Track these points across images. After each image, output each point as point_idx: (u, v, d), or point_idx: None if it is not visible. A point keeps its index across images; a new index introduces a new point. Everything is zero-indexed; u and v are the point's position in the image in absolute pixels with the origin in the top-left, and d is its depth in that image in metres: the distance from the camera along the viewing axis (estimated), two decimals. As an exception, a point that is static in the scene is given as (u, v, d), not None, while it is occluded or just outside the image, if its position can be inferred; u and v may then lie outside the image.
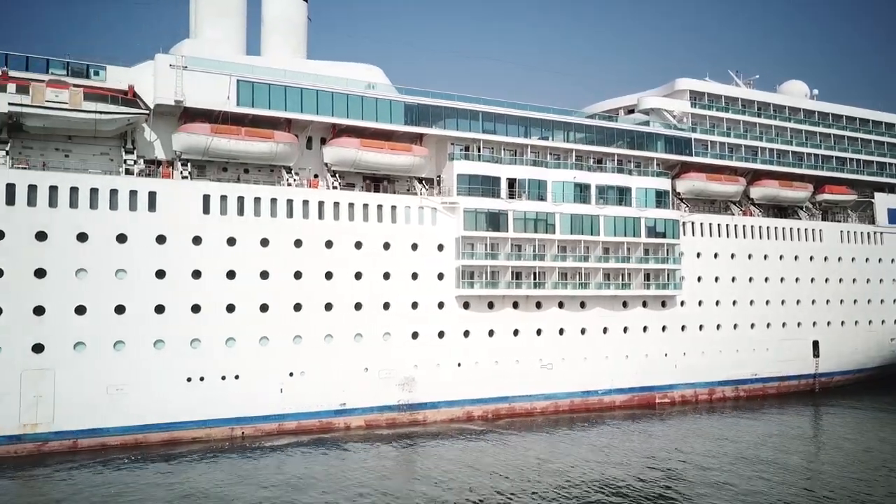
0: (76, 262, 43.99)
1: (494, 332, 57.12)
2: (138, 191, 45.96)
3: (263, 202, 49.43)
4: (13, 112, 43.06)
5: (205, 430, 46.96)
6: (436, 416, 54.33)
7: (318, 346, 50.56)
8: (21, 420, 42.36)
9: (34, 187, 43.36)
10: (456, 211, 55.79)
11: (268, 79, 50.57)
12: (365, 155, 52.99)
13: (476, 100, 58.89)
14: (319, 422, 50.40)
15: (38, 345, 42.88)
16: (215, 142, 48.18)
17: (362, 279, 52.34)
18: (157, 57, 47.83)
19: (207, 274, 47.46)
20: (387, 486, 37.92)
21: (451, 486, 37.71)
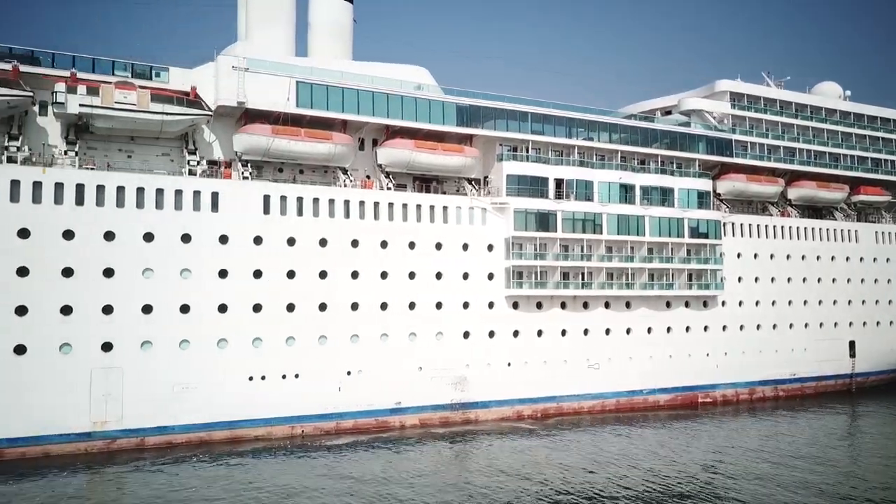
0: (143, 261, 44.44)
1: (543, 332, 57.51)
2: (202, 191, 46.41)
3: (322, 203, 49.85)
4: (83, 113, 43.48)
5: (266, 429, 47.41)
6: (487, 415, 54.73)
7: (374, 345, 50.98)
8: (91, 417, 42.81)
9: (102, 188, 43.81)
10: (506, 211, 56.19)
11: (325, 80, 50.97)
12: (419, 156, 53.41)
13: (524, 101, 59.32)
14: (376, 420, 50.84)
15: (106, 343, 43.34)
16: (276, 143, 48.61)
17: (415, 279, 52.75)
18: (218, 59, 48.31)
19: (268, 274, 47.90)
20: (456, 485, 38.25)
21: (512, 485, 37.96)
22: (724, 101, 70.41)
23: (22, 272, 41.56)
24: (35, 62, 44.54)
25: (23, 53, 44.39)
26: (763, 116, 71.94)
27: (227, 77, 47.71)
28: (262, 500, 35.16)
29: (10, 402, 40.78)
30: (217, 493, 36.07)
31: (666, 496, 36.27)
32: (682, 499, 35.90)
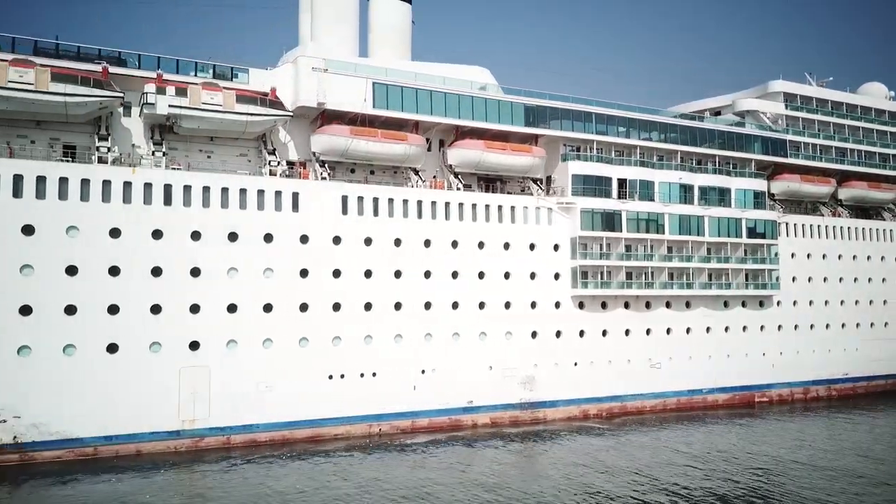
0: (228, 261, 44.80)
1: (607, 331, 57.78)
2: (283, 191, 46.76)
3: (396, 203, 50.17)
4: (172, 114, 43.83)
5: (345, 427, 47.74)
6: (555, 414, 55.01)
7: (447, 344, 51.29)
8: (180, 416, 43.17)
9: (189, 188, 44.19)
10: (571, 211, 56.46)
11: (399, 81, 51.29)
12: (489, 156, 53.73)
13: (586, 101, 59.56)
14: (449, 419, 51.15)
15: (194, 342, 43.71)
16: (354, 143, 48.95)
17: (485, 279, 53.06)
18: (298, 60, 48.63)
19: (346, 273, 48.25)
20: (536, 485, 38.37)
21: (596, 485, 38.25)
22: (778, 102, 70.64)
23: (113, 271, 41.94)
24: (121, 63, 44.92)
25: (110, 55, 44.70)
26: (815, 117, 72.13)
27: (307, 78, 48.04)
28: (371, 499, 35.45)
29: (103, 400, 41.13)
30: (326, 491, 36.38)
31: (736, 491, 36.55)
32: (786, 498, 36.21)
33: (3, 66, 39.67)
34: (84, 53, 44.01)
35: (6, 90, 39.54)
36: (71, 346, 40.75)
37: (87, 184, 41.64)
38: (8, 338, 39.35)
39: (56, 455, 40.16)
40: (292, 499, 34.97)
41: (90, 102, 41.98)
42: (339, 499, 35.13)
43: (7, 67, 39.64)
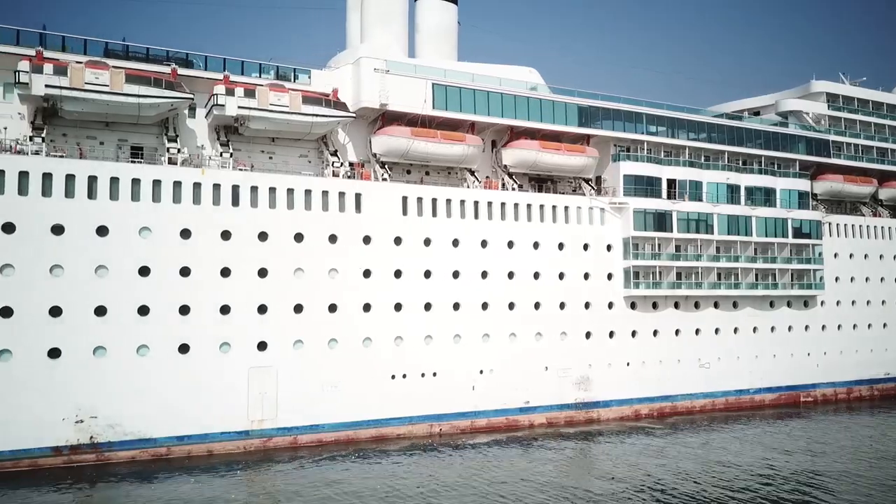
0: (295, 261, 44.97)
1: (658, 332, 57.89)
2: (346, 192, 46.91)
3: (454, 203, 50.30)
4: (241, 115, 43.99)
5: (407, 427, 47.87)
6: (608, 414, 55.13)
7: (504, 344, 51.43)
8: (249, 416, 43.33)
9: (255, 189, 44.35)
10: (624, 211, 56.58)
11: (457, 82, 51.44)
12: (544, 156, 53.86)
13: (636, 101, 59.68)
14: (506, 419, 51.27)
15: (262, 342, 43.87)
16: (415, 144, 49.09)
17: (540, 279, 53.18)
18: (360, 61, 48.75)
19: (407, 273, 48.39)
20: (599, 485, 38.49)
21: (660, 485, 38.39)
22: (820, 102, 70.71)
23: (184, 272, 42.11)
24: (188, 65, 45.08)
25: (177, 56, 44.88)
26: (856, 117, 72.19)
27: (369, 79, 48.19)
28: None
29: (175, 400, 41.29)
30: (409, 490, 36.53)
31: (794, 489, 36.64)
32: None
33: (80, 67, 39.83)
34: (152, 55, 44.19)
35: (83, 91, 39.69)
36: (144, 346, 40.95)
37: (159, 185, 41.82)
38: (84, 338, 39.53)
39: (131, 455, 40.36)
40: (364, 499, 35.04)
41: (162, 104, 42.16)
42: (408, 498, 35.20)
43: (84, 69, 39.80)
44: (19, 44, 40.79)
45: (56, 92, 39.37)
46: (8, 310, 38.04)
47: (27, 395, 38.10)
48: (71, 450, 39.03)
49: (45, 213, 39.01)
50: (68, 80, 39.43)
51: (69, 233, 39.49)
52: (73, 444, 39.08)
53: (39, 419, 38.27)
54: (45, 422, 38.42)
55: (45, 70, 39.12)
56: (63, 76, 39.39)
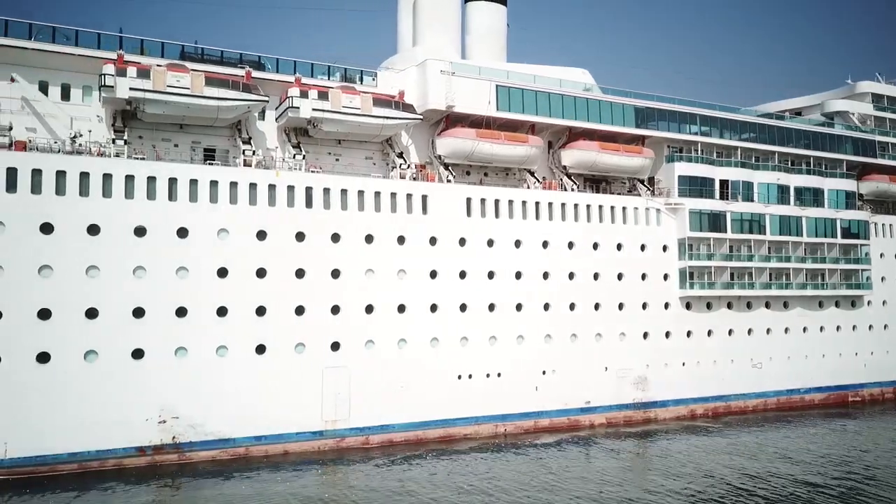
0: (365, 262, 45.26)
1: (713, 332, 58.13)
2: (413, 194, 47.18)
3: (516, 204, 50.56)
4: (315, 117, 44.27)
5: (473, 427, 48.15)
6: (665, 413, 55.38)
7: (565, 345, 51.68)
8: (323, 416, 43.63)
9: (328, 190, 44.64)
10: (679, 212, 56.79)
11: (519, 84, 51.70)
12: (603, 157, 54.08)
13: (689, 102, 59.94)
14: (568, 419, 51.53)
15: (335, 343, 44.17)
16: (480, 146, 49.34)
17: (599, 280, 53.41)
18: (427, 63, 48.98)
19: (472, 274, 48.65)
20: (665, 485, 38.77)
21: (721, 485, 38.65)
22: (866, 103, 70.85)
23: (260, 273, 42.42)
24: (260, 67, 45.35)
25: (250, 59, 45.17)
26: (902, 117, 72.38)
27: (435, 81, 48.45)
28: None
29: (253, 401, 41.61)
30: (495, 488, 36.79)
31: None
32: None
33: (162, 70, 40.14)
34: (226, 58, 44.46)
35: (165, 94, 40.00)
36: (223, 347, 41.27)
37: (235, 187, 42.13)
38: (166, 339, 39.85)
39: (211, 455, 40.66)
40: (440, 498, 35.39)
41: (239, 106, 42.46)
42: (483, 496, 35.51)
43: (165, 72, 40.11)
44: (100, 47, 41.07)
45: (139, 95, 39.69)
46: (93, 311, 38.38)
47: (112, 395, 38.43)
48: (154, 450, 39.38)
49: (127, 216, 39.32)
50: (151, 83, 39.76)
51: (151, 235, 39.81)
52: (156, 444, 39.43)
53: (124, 419, 38.59)
54: (130, 422, 38.75)
55: (129, 73, 39.43)
56: (146, 79, 39.74)
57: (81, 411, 37.66)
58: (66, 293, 37.80)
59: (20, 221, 37.02)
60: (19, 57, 39.78)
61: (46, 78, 41.08)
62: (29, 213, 37.21)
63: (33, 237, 37.30)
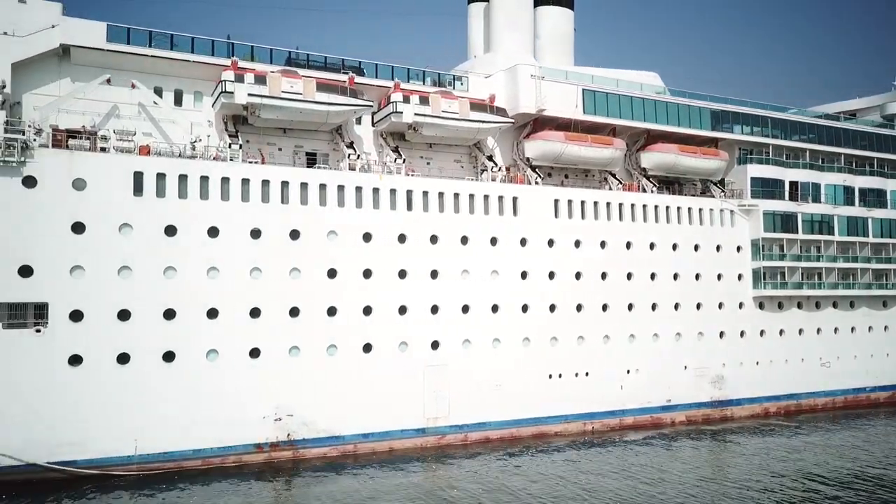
0: (461, 263, 46.20)
1: (784, 331, 59.02)
2: (504, 196, 48.12)
3: (601, 206, 51.48)
4: (416, 122, 45.23)
5: (563, 425, 49.09)
6: (740, 412, 56.29)
7: (647, 344, 52.61)
8: (425, 414, 44.61)
9: (426, 193, 45.60)
10: (752, 213, 57.69)
11: (603, 87, 52.63)
12: (682, 160, 55.00)
13: (760, 105, 60.92)
14: (650, 417, 52.46)
15: (435, 342, 45.15)
16: (568, 148, 50.29)
17: (678, 280, 54.32)
18: (517, 67, 49.93)
19: (560, 275, 49.59)
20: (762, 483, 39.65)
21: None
22: (924, 103, 71.75)
23: (367, 274, 43.41)
24: (360, 73, 46.29)
25: (351, 64, 46.14)
26: (958, 117, 73.17)
27: (526, 85, 49.40)
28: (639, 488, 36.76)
29: (360, 398, 42.58)
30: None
31: None
32: None
33: (277, 77, 41.11)
34: (329, 64, 45.41)
35: (280, 100, 40.98)
36: (332, 346, 42.26)
37: (342, 190, 43.11)
38: (280, 339, 40.86)
39: (322, 452, 41.64)
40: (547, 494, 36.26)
41: (347, 111, 43.43)
42: (584, 493, 36.28)
43: (280, 78, 41.07)
44: (213, 54, 42.07)
45: (256, 100, 40.68)
46: (214, 311, 39.40)
47: (232, 393, 39.44)
48: (271, 446, 40.39)
49: (244, 218, 40.33)
50: (267, 88, 40.73)
51: (266, 237, 40.82)
52: (272, 441, 40.43)
53: (243, 417, 39.61)
54: (249, 419, 39.76)
55: (247, 79, 40.41)
56: (262, 85, 40.71)
57: (204, 409, 38.68)
58: (189, 294, 38.82)
59: (146, 224, 38.04)
60: (138, 63, 40.80)
61: (161, 84, 42.11)
62: (154, 215, 38.24)
63: (158, 239, 38.33)
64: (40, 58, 38.88)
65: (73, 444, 35.94)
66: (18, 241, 35.41)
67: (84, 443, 36.17)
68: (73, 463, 36.04)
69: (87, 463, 36.31)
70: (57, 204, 36.24)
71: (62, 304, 36.14)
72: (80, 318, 36.43)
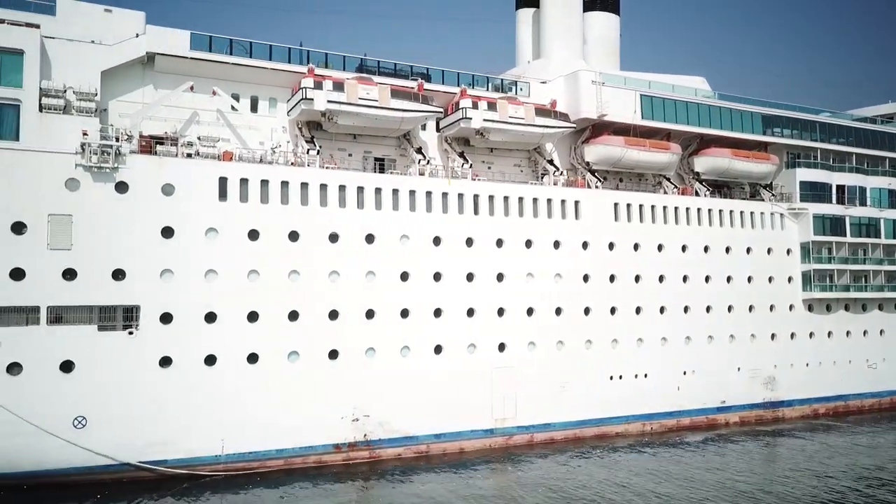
0: (526, 266, 46.92)
1: (832, 333, 59.66)
2: (567, 200, 48.85)
3: (657, 209, 52.19)
4: (485, 128, 45.98)
5: (624, 426, 49.79)
6: (791, 413, 56.96)
7: (703, 346, 53.29)
8: (493, 415, 45.31)
9: (492, 198, 46.37)
10: (801, 217, 58.36)
11: (660, 93, 53.38)
12: (735, 164, 55.71)
13: (806, 109, 61.62)
14: (706, 418, 53.13)
15: (502, 344, 45.88)
16: (628, 153, 51.00)
17: (731, 283, 55.00)
18: (579, 74, 50.71)
19: (621, 278, 50.30)
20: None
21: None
22: (964, 107, 72.38)
23: (437, 277, 44.15)
24: (427, 79, 47.03)
25: (419, 71, 46.89)
26: None
27: (587, 91, 50.16)
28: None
29: (432, 399, 43.29)
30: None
31: None
32: None
33: (354, 84, 41.89)
34: (399, 70, 46.18)
35: (357, 106, 41.75)
36: (406, 347, 42.99)
37: (413, 195, 43.85)
38: (357, 340, 41.62)
39: (397, 452, 42.38)
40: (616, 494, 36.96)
41: (419, 117, 44.19)
42: (654, 492, 37.00)
43: (357, 85, 41.85)
44: (290, 61, 42.85)
45: (335, 107, 41.44)
46: (295, 313, 40.16)
47: (312, 394, 40.19)
48: (349, 447, 41.13)
49: (322, 223, 41.11)
50: (345, 95, 41.51)
51: (343, 241, 41.59)
52: (350, 441, 41.17)
53: (323, 418, 40.35)
54: (328, 420, 40.50)
55: (325, 86, 41.17)
56: (340, 92, 41.48)
57: (286, 409, 39.43)
58: (271, 297, 39.58)
59: (230, 228, 38.82)
60: (219, 71, 41.58)
61: (238, 90, 42.89)
62: (237, 220, 39.02)
63: (242, 243, 39.10)
64: (126, 65, 39.69)
65: (164, 443, 36.71)
66: (111, 245, 36.20)
67: (174, 442, 36.94)
68: (163, 462, 36.81)
69: (176, 462, 37.07)
70: (147, 209, 37.03)
71: (153, 307, 36.92)
72: (169, 320, 37.21)
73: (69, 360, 35.15)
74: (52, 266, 35.10)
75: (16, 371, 34.34)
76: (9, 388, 34.05)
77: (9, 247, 34.40)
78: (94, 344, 35.70)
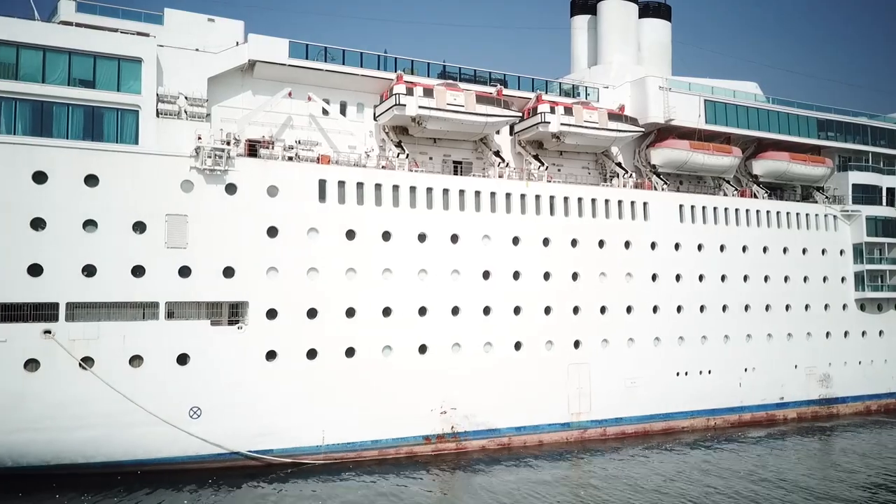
0: (599, 265, 48.64)
1: (883, 332, 61.20)
2: (636, 201, 50.51)
3: (719, 211, 53.83)
4: (562, 132, 47.71)
5: (689, 421, 51.43)
6: (845, 409, 58.54)
7: (762, 344, 54.90)
8: (569, 409, 47.02)
9: (567, 199, 48.08)
10: (854, 219, 59.91)
11: (722, 98, 55.04)
12: (793, 167, 57.33)
13: (856, 112, 63.22)
14: (766, 414, 54.74)
15: (577, 341, 47.58)
16: (693, 156, 52.68)
17: (789, 282, 56.61)
18: (646, 79, 52.51)
19: (686, 277, 51.91)
20: None
21: None
22: None
23: (516, 276, 45.90)
24: (504, 84, 48.71)
25: (496, 77, 48.61)
26: None
27: (655, 96, 51.85)
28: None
29: (513, 393, 45.00)
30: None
31: None
32: None
33: (442, 89, 43.64)
34: (478, 76, 47.92)
35: (446, 111, 43.50)
36: (489, 343, 44.77)
37: (494, 196, 45.59)
38: (445, 335, 43.39)
39: (481, 444, 44.11)
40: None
41: (501, 122, 45.93)
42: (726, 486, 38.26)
43: (445, 91, 43.60)
44: (379, 68, 44.65)
45: (425, 112, 43.22)
46: (388, 310, 41.97)
47: (404, 386, 41.95)
48: (438, 438, 42.86)
49: (412, 223, 42.89)
50: (434, 101, 43.26)
51: (430, 241, 43.35)
52: (438, 433, 42.91)
53: (414, 410, 42.11)
54: (418, 412, 42.25)
55: (416, 92, 42.94)
56: (430, 98, 43.24)
57: (380, 401, 41.19)
58: (366, 294, 41.38)
59: (329, 228, 40.62)
60: (314, 77, 43.38)
61: (328, 96, 44.66)
62: (336, 220, 40.82)
63: (340, 243, 40.90)
64: (228, 72, 41.52)
65: (271, 434, 38.50)
66: (222, 243, 38.01)
67: (279, 433, 38.72)
68: (269, 452, 38.60)
69: (281, 452, 38.87)
70: (254, 209, 38.85)
71: (260, 303, 38.73)
72: (274, 315, 39.01)
73: (185, 353, 36.97)
74: (169, 264, 36.93)
75: (136, 363, 36.16)
76: (131, 380, 35.86)
77: (130, 245, 36.24)
78: (208, 338, 37.51)
